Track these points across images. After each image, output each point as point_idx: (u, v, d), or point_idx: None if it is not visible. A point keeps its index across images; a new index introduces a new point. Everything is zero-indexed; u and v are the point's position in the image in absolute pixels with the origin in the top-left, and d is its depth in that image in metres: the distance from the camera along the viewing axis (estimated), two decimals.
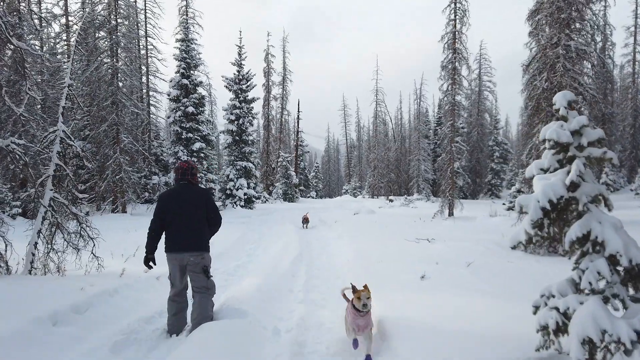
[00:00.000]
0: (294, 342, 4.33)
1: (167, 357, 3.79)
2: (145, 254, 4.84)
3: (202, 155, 23.35)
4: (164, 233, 4.77)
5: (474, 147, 41.97)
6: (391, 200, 36.60)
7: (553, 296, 3.18)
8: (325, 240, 12.35)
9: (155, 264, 4.90)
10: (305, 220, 16.81)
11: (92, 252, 7.13)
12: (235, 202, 25.12)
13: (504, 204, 31.54)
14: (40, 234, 6.87)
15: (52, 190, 6.98)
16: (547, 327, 3.11)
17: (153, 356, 4.12)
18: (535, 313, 3.36)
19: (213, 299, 4.87)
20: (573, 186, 3.14)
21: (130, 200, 20.82)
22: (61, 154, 7.32)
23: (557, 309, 3.08)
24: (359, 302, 3.99)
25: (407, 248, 10.14)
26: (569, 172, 3.20)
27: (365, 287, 4.19)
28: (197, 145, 22.76)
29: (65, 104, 7.70)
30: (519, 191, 26.21)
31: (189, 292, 5.00)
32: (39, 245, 6.82)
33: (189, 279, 4.88)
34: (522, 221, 11.15)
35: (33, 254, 6.65)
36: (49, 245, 6.89)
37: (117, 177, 19.92)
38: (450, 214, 21.01)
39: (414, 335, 3.98)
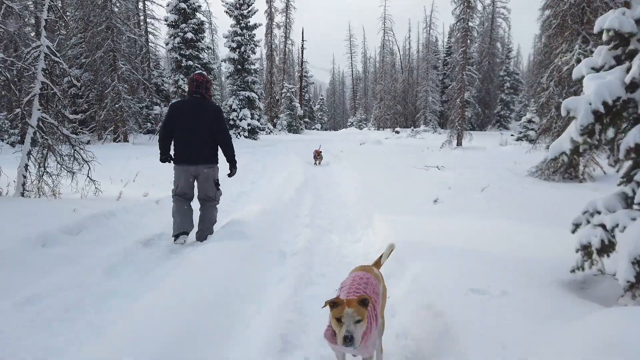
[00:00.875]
0: (301, 265, 4.02)
1: (164, 280, 3.50)
2: (160, 155, 4.97)
3: None
4: (174, 146, 4.84)
5: (484, 77, 40.55)
6: (397, 132, 35.97)
7: (598, 213, 2.78)
8: (331, 171, 11.98)
9: (171, 161, 4.96)
10: (318, 156, 13.91)
11: (87, 176, 6.79)
12: (238, 133, 24.60)
13: (512, 134, 30.99)
14: (31, 157, 6.50)
15: (39, 110, 6.51)
16: (589, 247, 2.74)
17: (150, 279, 3.85)
18: (574, 231, 2.98)
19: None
20: (633, 86, 2.64)
21: (132, 129, 20.31)
22: (47, 71, 6.76)
23: (602, 226, 2.69)
24: (340, 328, 1.95)
25: (416, 175, 9.77)
26: (628, 69, 2.68)
27: (350, 302, 1.99)
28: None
29: (48, 16, 7.03)
30: (529, 121, 25.54)
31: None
32: (31, 168, 6.48)
33: (196, 190, 5.02)
34: (537, 148, 10.69)
35: (24, 177, 6.32)
36: (42, 169, 6.54)
37: (116, 105, 19.31)
38: (459, 144, 20.50)
39: (429, 256, 3.65)
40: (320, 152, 13.98)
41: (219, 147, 4.92)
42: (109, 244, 4.61)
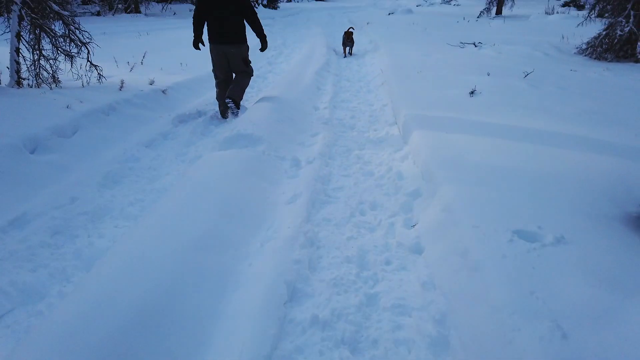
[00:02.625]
0: (315, 180, 3.56)
1: (162, 197, 3.12)
2: (194, 38, 5.37)
3: None
4: (207, 26, 5.26)
5: None
6: None
7: None
8: (356, 46, 10.90)
9: (204, 45, 5.44)
10: (348, 40, 10.25)
11: (88, 60, 6.17)
12: (257, 1, 22.68)
13: None
14: (23, 39, 5.86)
15: None
16: None
17: (150, 191, 3.49)
18: None
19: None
20: None
21: None
22: None
23: None
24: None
25: (450, 54, 8.75)
26: None
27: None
28: None
29: None
30: None
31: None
32: (25, 53, 5.88)
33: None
34: (593, 17, 9.27)
35: (17, 62, 5.75)
36: (37, 52, 5.92)
37: None
38: (499, 12, 18.43)
39: (465, 176, 3.11)
40: (352, 33, 10.27)
41: (245, 25, 5.34)
42: (108, 147, 4.21)
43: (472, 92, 5.29)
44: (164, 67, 7.62)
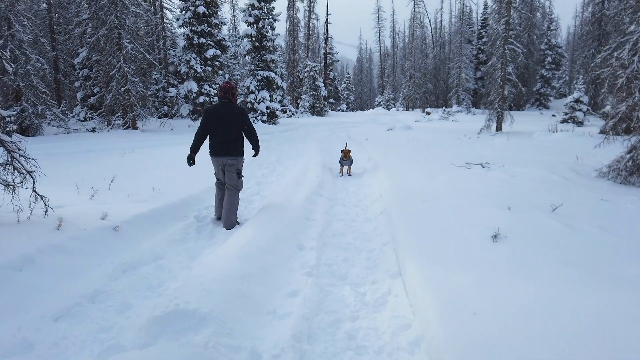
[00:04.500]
0: None
1: None
2: (189, 153, 5.71)
3: (217, 63, 20.79)
4: (209, 140, 5.70)
5: (523, 51, 37.38)
6: (428, 113, 33.59)
7: None
8: (354, 164, 10.17)
9: (194, 164, 5.78)
10: (346, 159, 9.53)
11: (33, 190, 5.20)
12: (256, 117, 22.92)
13: (554, 115, 28.12)
14: None
15: None
16: None
17: None
18: None
19: (238, 195, 5.94)
20: None
21: (140, 115, 18.77)
22: None
23: None
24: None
25: (456, 177, 7.85)
26: None
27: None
28: (211, 52, 20.13)
29: None
30: (577, 101, 22.86)
31: None
32: None
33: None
34: (609, 139, 8.54)
35: None
36: None
37: (122, 89, 17.81)
38: (499, 128, 18.25)
39: None
40: (349, 151, 9.53)
41: (244, 140, 5.84)
42: (12, 316, 3.01)
43: (494, 237, 4.16)
44: (133, 192, 6.67)
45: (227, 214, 5.66)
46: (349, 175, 9.70)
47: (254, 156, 6.23)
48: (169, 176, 8.19)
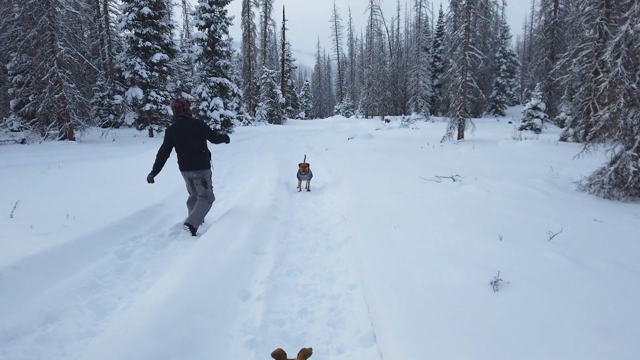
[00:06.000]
0: None
1: None
2: (151, 172, 5.76)
3: (164, 69, 19.33)
4: (177, 156, 5.89)
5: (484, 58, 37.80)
6: (388, 121, 33.11)
7: None
8: (314, 177, 9.15)
9: (154, 182, 5.81)
10: (304, 173, 8.52)
11: None
12: (210, 126, 21.55)
13: (510, 122, 28.24)
14: None
15: None
16: None
17: None
18: None
19: (211, 205, 6.18)
20: None
21: (78, 124, 17.03)
22: None
23: None
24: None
25: (428, 193, 6.97)
26: None
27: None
28: (158, 56, 18.66)
29: None
30: (535, 108, 22.86)
31: None
32: None
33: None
34: (590, 149, 7.92)
35: None
36: None
37: (56, 95, 16.08)
38: (461, 136, 17.74)
39: None
40: (307, 165, 8.49)
41: (209, 152, 6.04)
42: None
43: (494, 283, 3.20)
44: (39, 221, 5.36)
45: (194, 212, 5.81)
46: (308, 190, 8.68)
47: (226, 142, 6.31)
48: (96, 197, 6.90)
